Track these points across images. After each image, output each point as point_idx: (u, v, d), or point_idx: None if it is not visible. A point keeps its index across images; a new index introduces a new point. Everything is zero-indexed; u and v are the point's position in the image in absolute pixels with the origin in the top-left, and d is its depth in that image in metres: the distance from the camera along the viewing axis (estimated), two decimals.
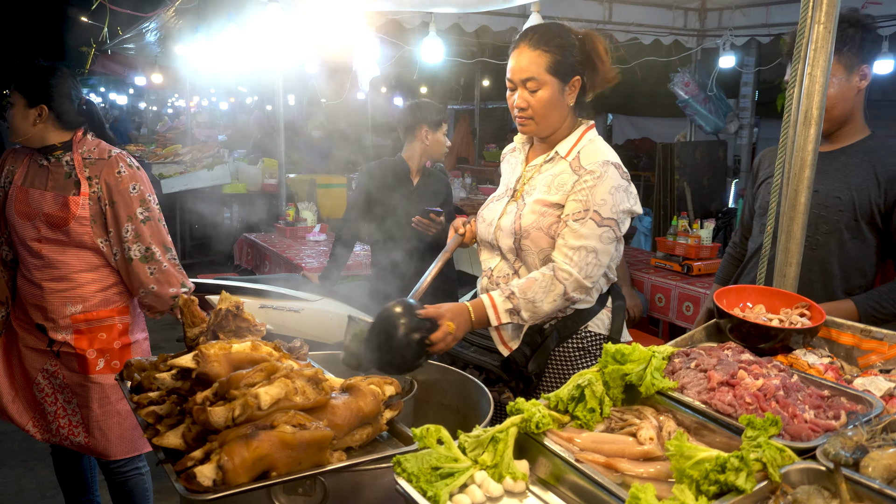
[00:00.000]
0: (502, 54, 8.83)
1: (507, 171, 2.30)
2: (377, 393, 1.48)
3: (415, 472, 1.15)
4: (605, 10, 6.33)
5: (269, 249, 5.29)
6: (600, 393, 1.34)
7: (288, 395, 1.36)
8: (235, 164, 9.06)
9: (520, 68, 2.05)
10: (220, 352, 1.43)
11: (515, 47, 2.10)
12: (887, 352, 1.51)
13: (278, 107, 6.53)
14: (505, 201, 2.20)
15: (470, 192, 8.64)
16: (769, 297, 1.71)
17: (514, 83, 2.08)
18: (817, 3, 1.72)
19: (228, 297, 1.76)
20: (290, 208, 5.92)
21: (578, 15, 6.25)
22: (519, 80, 2.06)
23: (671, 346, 1.52)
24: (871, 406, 1.28)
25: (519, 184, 2.19)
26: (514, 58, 2.08)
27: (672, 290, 4.48)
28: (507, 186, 2.24)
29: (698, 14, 6.70)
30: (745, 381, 1.32)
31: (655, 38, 6.68)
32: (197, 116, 17.23)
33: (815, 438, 1.19)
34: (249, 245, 5.84)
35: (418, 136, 3.53)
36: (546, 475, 1.23)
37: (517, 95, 2.08)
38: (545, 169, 2.12)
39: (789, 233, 1.78)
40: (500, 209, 2.18)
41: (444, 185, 3.64)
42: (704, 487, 1.07)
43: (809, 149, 1.76)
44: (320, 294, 3.80)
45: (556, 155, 2.12)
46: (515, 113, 2.11)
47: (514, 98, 2.09)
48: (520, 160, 2.25)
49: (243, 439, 1.25)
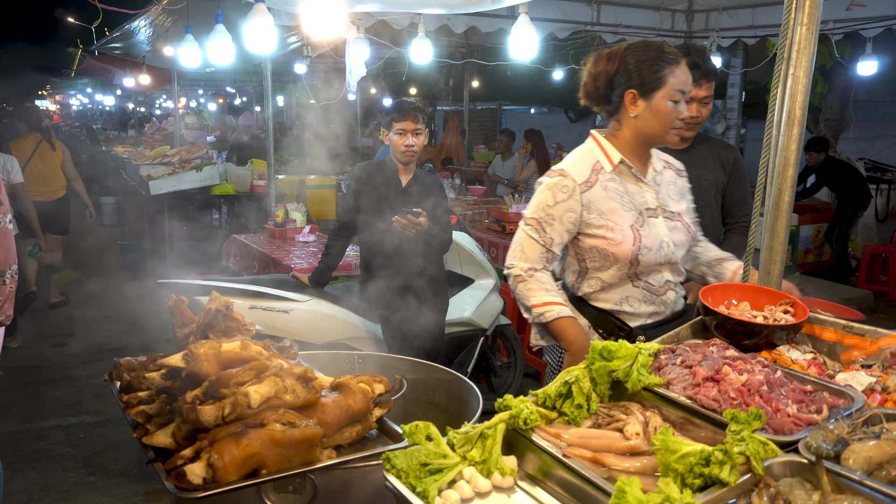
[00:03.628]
0: (491, 55, 8.86)
1: (619, 192, 2.14)
2: (367, 391, 1.49)
3: (404, 469, 1.17)
4: (593, 12, 6.37)
5: (258, 251, 5.28)
6: (587, 389, 1.36)
7: (278, 393, 1.36)
8: (224, 165, 9.03)
9: (691, 81, 2.11)
10: (210, 351, 1.44)
11: (680, 60, 2.10)
12: (869, 347, 1.54)
13: (267, 108, 6.52)
14: (655, 220, 2.14)
15: (459, 193, 8.64)
16: (754, 295, 1.73)
17: (685, 95, 2.09)
18: (800, 6, 1.75)
19: (218, 297, 1.77)
20: (280, 209, 5.91)
21: (567, 16, 6.28)
22: (688, 92, 2.10)
23: (657, 343, 1.54)
24: (852, 400, 1.31)
25: (654, 200, 2.18)
26: (684, 71, 2.09)
27: None
28: (644, 208, 2.15)
29: (685, 16, 6.75)
30: (729, 377, 1.34)
31: (643, 40, 6.72)
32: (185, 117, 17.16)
33: (798, 432, 1.21)
34: (238, 246, 5.82)
35: (383, 137, 3.56)
36: (534, 470, 1.25)
37: (685, 107, 2.10)
38: (659, 180, 2.22)
39: (773, 231, 1.80)
40: (662, 229, 2.14)
41: (436, 185, 3.66)
42: (689, 481, 1.09)
43: (793, 148, 1.79)
44: (310, 295, 3.80)
45: (664, 166, 2.26)
46: (680, 125, 2.17)
47: (677, 111, 2.08)
48: (626, 179, 2.16)
49: (233, 437, 1.26)
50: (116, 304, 7.04)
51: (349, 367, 2.06)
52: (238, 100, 22.89)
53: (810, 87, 1.79)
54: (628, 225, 2.09)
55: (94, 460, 3.90)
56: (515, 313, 5.21)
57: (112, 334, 6.14)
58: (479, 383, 4.57)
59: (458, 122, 13.47)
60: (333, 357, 2.08)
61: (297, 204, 6.15)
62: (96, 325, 6.39)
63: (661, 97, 2.05)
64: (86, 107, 28.61)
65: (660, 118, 2.07)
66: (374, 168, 3.63)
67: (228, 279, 4.03)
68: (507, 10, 5.64)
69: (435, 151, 13.84)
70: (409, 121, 3.43)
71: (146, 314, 6.65)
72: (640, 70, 2.06)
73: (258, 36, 4.08)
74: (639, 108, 2.08)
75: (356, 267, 4.17)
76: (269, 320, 3.65)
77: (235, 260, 5.87)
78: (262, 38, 4.10)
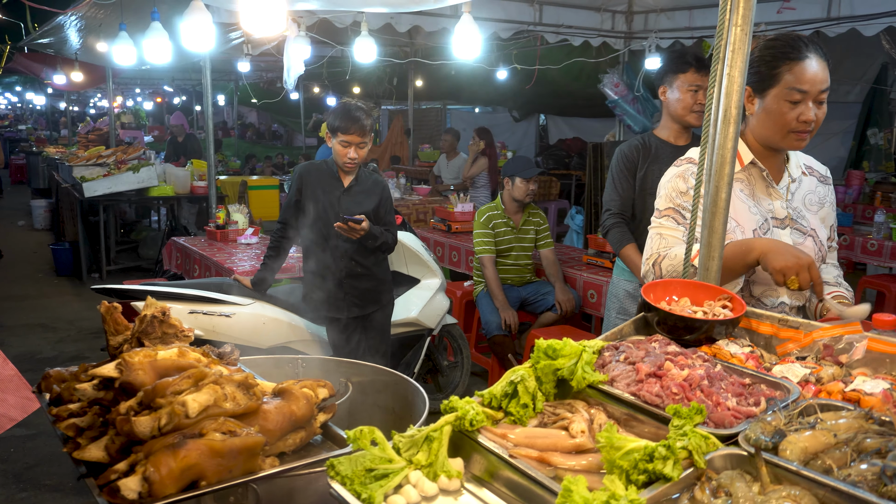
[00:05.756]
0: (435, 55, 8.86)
1: (746, 194, 2.03)
2: (310, 396, 1.46)
3: (348, 475, 1.14)
4: (535, 12, 6.43)
5: (198, 253, 5.15)
6: (533, 388, 1.35)
7: (217, 401, 1.32)
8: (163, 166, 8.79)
9: (820, 79, 1.89)
10: (145, 359, 1.38)
11: (806, 56, 1.90)
12: (803, 340, 1.58)
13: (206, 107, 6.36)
14: (780, 232, 2.02)
15: (404, 193, 8.62)
16: (693, 291, 1.76)
17: (808, 94, 1.89)
18: (734, 7, 1.78)
19: (154, 302, 1.70)
20: (221, 211, 5.78)
21: (510, 16, 6.33)
22: (817, 92, 1.89)
23: (601, 341, 1.55)
24: (788, 392, 1.34)
25: (783, 210, 2.04)
26: (811, 68, 1.89)
27: (604, 287, 4.58)
28: (771, 216, 2.03)
29: (625, 17, 6.87)
30: (671, 372, 1.36)
31: (585, 40, 6.83)
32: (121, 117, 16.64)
33: (738, 425, 1.23)
34: (178, 249, 5.67)
35: (326, 137, 3.51)
36: (481, 472, 1.24)
37: (809, 108, 1.89)
38: (794, 188, 2.09)
39: (711, 228, 1.84)
40: (787, 243, 1.95)
41: (380, 186, 3.62)
42: (634, 477, 1.10)
43: (729, 146, 1.83)
44: (252, 298, 3.72)
45: (805, 172, 2.11)
46: (797, 127, 1.92)
47: (796, 112, 1.90)
48: (756, 183, 2.04)
49: (170, 449, 1.21)
50: (49, 311, 6.78)
51: (293, 371, 2.02)
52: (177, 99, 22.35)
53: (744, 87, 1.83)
54: (751, 229, 1.97)
55: (26, 475, 3.74)
56: (462, 312, 5.22)
57: (45, 343, 5.90)
58: (426, 383, 4.56)
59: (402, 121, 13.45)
60: (276, 362, 2.03)
61: (238, 205, 6.03)
62: (28, 333, 6.14)
63: (775, 96, 1.91)
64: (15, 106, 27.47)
65: (774, 119, 1.93)
66: (316, 168, 3.57)
67: (167, 283, 3.92)
68: (451, 9, 5.65)
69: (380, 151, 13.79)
70: (354, 135, 3.37)
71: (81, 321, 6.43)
72: (756, 65, 1.93)
73: (196, 33, 3.98)
74: (754, 106, 1.97)
75: (300, 269, 4.10)
76: (209, 325, 3.56)
77: (175, 263, 5.72)
78: (200, 36, 4.00)
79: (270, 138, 22.87)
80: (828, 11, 5.41)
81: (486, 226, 4.78)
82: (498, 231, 4.80)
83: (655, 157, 3.37)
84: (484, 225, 4.78)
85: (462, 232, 6.01)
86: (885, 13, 5.06)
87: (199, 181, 8.19)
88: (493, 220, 4.81)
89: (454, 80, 10.97)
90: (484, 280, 4.78)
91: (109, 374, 1.36)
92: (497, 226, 4.81)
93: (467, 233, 5.79)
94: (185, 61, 8.25)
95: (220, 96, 19.41)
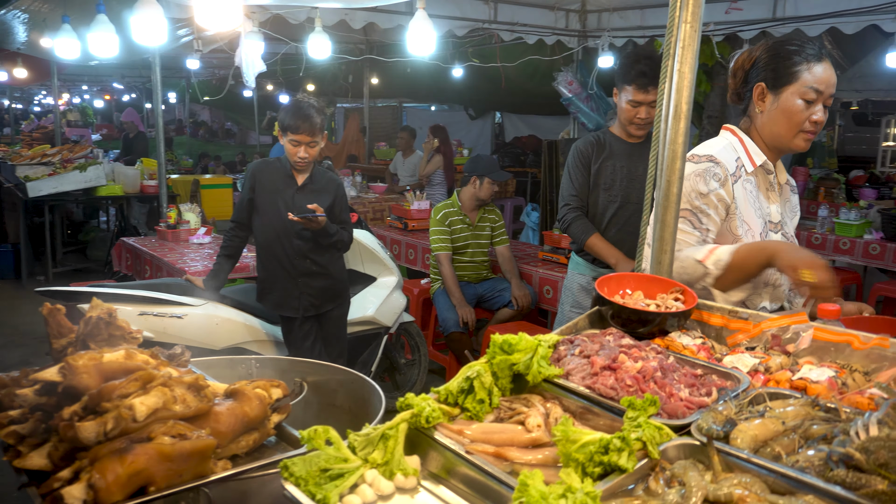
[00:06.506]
0: (390, 52, 8.82)
1: (753, 197, 2.01)
2: (263, 397, 1.44)
3: (303, 476, 1.12)
4: (490, 10, 6.45)
5: (149, 254, 5.03)
6: (489, 384, 1.35)
7: (166, 404, 1.28)
8: (111, 165, 8.55)
9: (833, 83, 1.90)
10: (90, 362, 1.34)
11: (823, 57, 1.91)
12: (752, 330, 1.62)
13: (156, 104, 6.21)
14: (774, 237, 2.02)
15: (360, 191, 8.57)
16: (647, 284, 1.79)
17: (822, 96, 1.90)
18: (684, 4, 1.81)
19: (100, 303, 1.65)
20: (172, 210, 5.65)
21: (464, 14, 6.33)
22: (829, 95, 1.90)
23: (556, 335, 1.56)
24: (738, 382, 1.37)
25: (778, 215, 2.03)
26: (827, 69, 1.90)
27: (559, 282, 4.62)
28: (768, 220, 2.02)
29: (579, 16, 6.94)
30: (625, 365, 1.37)
31: (539, 38, 6.87)
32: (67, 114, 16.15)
33: (690, 415, 1.25)
34: (128, 250, 5.53)
35: (279, 136, 3.46)
36: (437, 469, 1.23)
37: (820, 109, 1.90)
38: (784, 194, 2.09)
39: (663, 222, 1.86)
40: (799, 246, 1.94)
41: (334, 184, 3.58)
42: (590, 469, 1.10)
43: (680, 141, 1.86)
44: (205, 299, 3.64)
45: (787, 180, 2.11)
46: (808, 127, 1.92)
47: (809, 112, 1.90)
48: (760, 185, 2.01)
49: (117, 454, 1.17)
50: None
51: (246, 372, 1.98)
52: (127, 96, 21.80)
53: (695, 84, 1.87)
54: (758, 232, 1.97)
55: None
56: (419, 310, 5.21)
57: None
58: (384, 382, 4.54)
59: (358, 119, 13.36)
60: (230, 362, 1.99)
61: (190, 204, 5.90)
62: None
63: (792, 93, 1.90)
64: None
65: (788, 117, 1.92)
66: (270, 166, 3.52)
67: (115, 285, 3.81)
68: (406, 6, 5.62)
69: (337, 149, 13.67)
70: (304, 134, 3.31)
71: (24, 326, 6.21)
72: (773, 62, 1.93)
73: (146, 28, 3.88)
74: (766, 103, 1.96)
75: (254, 268, 4.04)
76: (160, 327, 3.48)
77: (125, 264, 5.57)
78: (151, 31, 3.90)
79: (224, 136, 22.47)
80: (773, 12, 5.56)
81: (443, 223, 4.78)
82: (454, 228, 4.80)
83: (610, 153, 3.43)
84: (440, 222, 4.78)
85: (418, 230, 5.99)
86: (827, 14, 5.22)
87: (150, 180, 7.99)
88: (450, 217, 4.81)
89: (410, 78, 10.94)
90: (441, 277, 4.78)
91: (52, 379, 1.31)
92: (453, 223, 4.81)
93: (424, 230, 5.77)
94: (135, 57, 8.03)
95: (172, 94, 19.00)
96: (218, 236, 5.43)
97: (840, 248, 6.12)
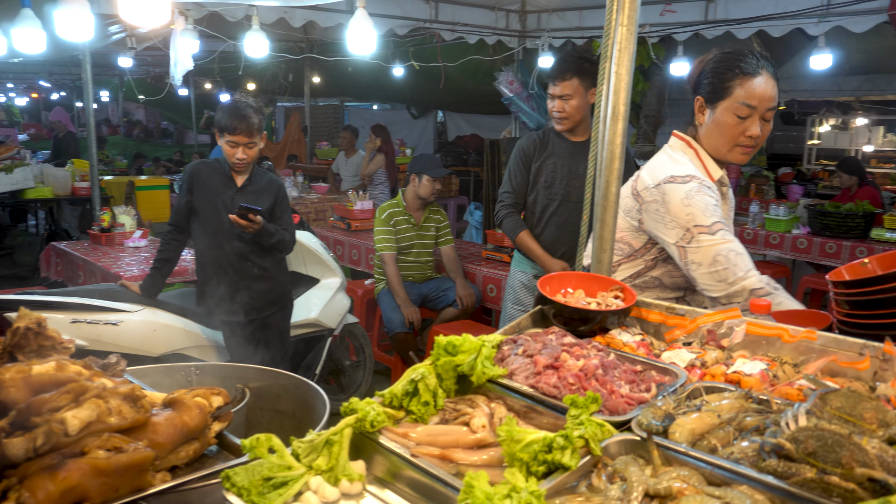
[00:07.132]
0: (331, 50, 8.73)
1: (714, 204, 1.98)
2: (203, 405, 1.40)
3: (245, 486, 1.10)
4: (431, 10, 6.45)
5: (81, 259, 4.85)
6: (433, 385, 1.35)
7: (101, 416, 1.24)
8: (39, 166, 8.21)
9: (769, 96, 1.91)
10: (18, 375, 1.28)
11: (758, 72, 1.91)
12: (689, 326, 1.66)
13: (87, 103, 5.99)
14: None
15: (302, 191, 8.46)
16: (587, 282, 1.82)
17: (756, 111, 1.91)
18: (620, 7, 1.85)
19: (28, 313, 1.58)
20: (106, 213, 5.46)
21: (405, 13, 6.32)
22: (765, 109, 1.91)
23: (500, 335, 1.57)
24: (676, 377, 1.40)
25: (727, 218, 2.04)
26: (761, 84, 1.90)
27: (503, 280, 4.66)
28: None
29: (519, 16, 7.01)
30: (567, 363, 1.39)
31: (480, 38, 6.91)
32: None
33: (631, 411, 1.27)
34: (59, 255, 5.32)
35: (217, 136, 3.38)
36: (383, 473, 1.22)
37: (756, 124, 1.91)
38: (725, 194, 2.11)
39: (603, 221, 1.90)
40: None
41: (275, 185, 3.52)
42: (534, 468, 1.12)
43: (618, 142, 1.90)
44: (142, 304, 3.54)
45: None
46: (743, 141, 1.94)
47: (742, 127, 1.92)
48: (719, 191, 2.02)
49: (48, 471, 1.13)
50: None
51: (186, 380, 1.93)
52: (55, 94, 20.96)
53: (632, 85, 1.91)
54: None
55: None
56: (363, 311, 5.17)
57: None
58: (329, 384, 4.49)
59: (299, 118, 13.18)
60: (168, 370, 1.94)
61: (125, 207, 5.72)
62: None
63: (725, 108, 1.93)
64: None
65: (722, 131, 1.94)
66: (208, 167, 3.44)
67: (45, 292, 3.66)
68: (346, 4, 5.57)
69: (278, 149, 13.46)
70: (241, 135, 3.25)
71: None
72: (710, 77, 1.95)
73: (71, 23, 3.73)
74: (705, 116, 1.98)
75: (192, 272, 3.94)
76: (94, 335, 3.36)
77: (56, 270, 5.36)
78: (77, 26, 3.75)
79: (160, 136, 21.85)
80: (705, 14, 5.73)
81: (388, 223, 4.76)
82: (399, 228, 4.79)
83: (552, 151, 3.49)
84: (385, 222, 4.76)
85: (362, 230, 5.95)
86: (756, 17, 5.41)
87: (82, 182, 7.71)
88: (395, 217, 4.79)
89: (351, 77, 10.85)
90: (385, 278, 4.76)
91: None
92: (398, 223, 4.79)
93: (367, 231, 5.74)
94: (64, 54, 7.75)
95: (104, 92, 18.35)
96: (154, 239, 5.27)
97: (770, 243, 6.36)
